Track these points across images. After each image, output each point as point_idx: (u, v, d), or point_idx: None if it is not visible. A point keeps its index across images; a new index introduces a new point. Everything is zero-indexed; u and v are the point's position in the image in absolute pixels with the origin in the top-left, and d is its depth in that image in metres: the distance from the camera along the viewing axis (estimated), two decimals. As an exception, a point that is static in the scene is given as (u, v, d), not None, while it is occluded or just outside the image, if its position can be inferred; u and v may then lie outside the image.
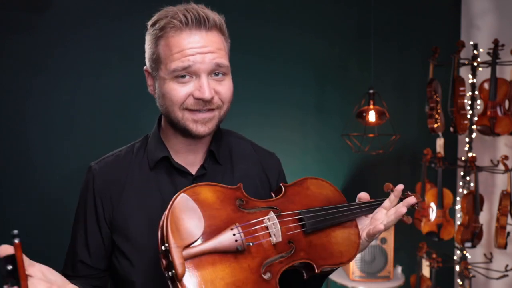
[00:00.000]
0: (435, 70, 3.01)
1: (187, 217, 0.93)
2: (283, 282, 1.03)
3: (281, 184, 1.13)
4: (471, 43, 2.96)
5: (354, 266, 2.91)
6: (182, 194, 0.96)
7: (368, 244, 1.17)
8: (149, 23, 1.11)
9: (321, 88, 3.23)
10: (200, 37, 1.04)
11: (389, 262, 2.93)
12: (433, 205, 2.96)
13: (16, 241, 0.75)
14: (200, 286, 0.88)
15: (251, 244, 0.97)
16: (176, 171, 1.14)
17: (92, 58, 2.76)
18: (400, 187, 1.17)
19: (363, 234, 1.15)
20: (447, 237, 2.99)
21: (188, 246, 0.90)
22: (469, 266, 2.91)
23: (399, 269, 3.05)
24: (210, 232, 0.94)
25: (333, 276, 2.97)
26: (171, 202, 0.94)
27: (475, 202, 2.89)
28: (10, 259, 0.74)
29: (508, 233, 2.88)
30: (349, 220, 1.15)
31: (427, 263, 2.99)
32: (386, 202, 1.18)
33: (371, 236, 1.13)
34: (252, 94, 2.95)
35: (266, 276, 0.95)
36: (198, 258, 0.90)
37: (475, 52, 2.91)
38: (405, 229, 3.20)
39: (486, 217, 3.19)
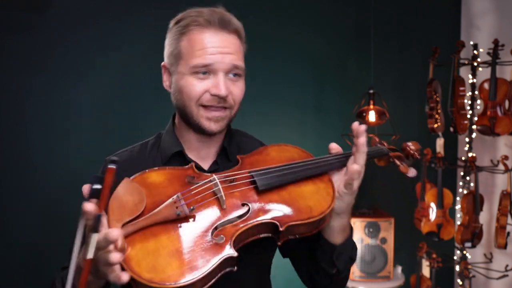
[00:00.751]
0: (435, 70, 3.01)
1: (128, 196, 0.94)
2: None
3: (237, 156, 1.13)
4: (471, 43, 2.96)
5: (354, 266, 2.91)
6: (126, 179, 0.97)
7: (350, 199, 1.09)
8: (173, 21, 1.16)
9: (320, 88, 3.23)
10: (222, 37, 1.10)
11: (389, 262, 2.93)
12: (433, 205, 2.96)
13: (112, 166, 0.80)
14: (143, 258, 0.87)
15: (193, 208, 0.95)
16: None
17: (92, 58, 2.76)
18: (355, 124, 1.12)
19: (341, 187, 1.07)
20: (447, 237, 2.99)
21: (129, 222, 0.90)
22: (469, 266, 2.91)
23: (399, 269, 3.05)
24: (153, 208, 0.94)
25: (333, 276, 2.97)
26: None
27: (475, 202, 2.89)
28: (99, 179, 0.81)
29: (508, 233, 2.88)
30: (318, 175, 1.09)
31: (427, 263, 2.99)
32: (353, 148, 1.12)
33: (348, 185, 1.06)
34: (251, 93, 2.92)
35: (217, 239, 0.92)
36: (141, 232, 0.90)
37: (475, 52, 2.91)
38: (405, 229, 3.20)
39: (486, 217, 3.19)
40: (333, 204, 1.05)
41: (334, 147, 1.16)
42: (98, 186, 0.80)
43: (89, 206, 0.82)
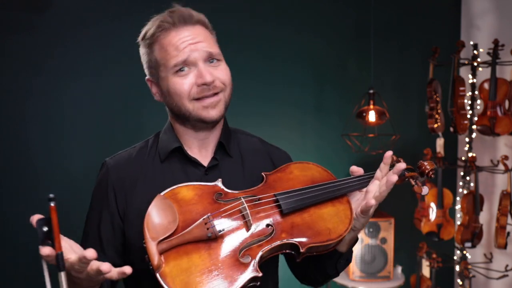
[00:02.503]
0: (435, 70, 3.01)
1: (162, 214, 1.01)
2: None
3: (262, 173, 1.17)
4: (471, 43, 2.96)
5: (354, 266, 2.91)
6: (159, 195, 1.04)
7: (366, 220, 1.13)
8: (139, 38, 1.24)
9: (320, 88, 3.23)
10: (188, 31, 1.14)
11: (389, 262, 2.93)
12: (433, 205, 2.96)
13: (52, 204, 0.81)
14: (177, 275, 0.95)
15: (222, 230, 1.02)
16: (189, 162, 1.20)
17: (92, 58, 2.76)
18: (388, 153, 1.13)
19: (357, 210, 1.11)
20: (447, 237, 2.99)
21: (163, 240, 0.97)
22: (469, 266, 2.91)
23: (399, 269, 3.05)
24: (185, 226, 1.01)
25: (333, 276, 2.97)
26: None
27: (475, 202, 2.89)
28: (46, 221, 0.82)
29: (508, 233, 2.88)
30: (337, 197, 1.13)
31: (427, 263, 2.99)
32: (377, 172, 1.14)
33: (365, 212, 1.09)
34: (250, 93, 2.95)
35: (243, 259, 1.00)
36: (174, 250, 0.98)
37: (475, 52, 2.91)
38: (405, 229, 3.21)
39: (486, 217, 3.19)
40: (351, 226, 1.10)
41: (355, 170, 1.17)
42: (45, 229, 0.82)
43: (46, 251, 0.83)
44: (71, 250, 0.91)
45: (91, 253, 0.84)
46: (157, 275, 0.94)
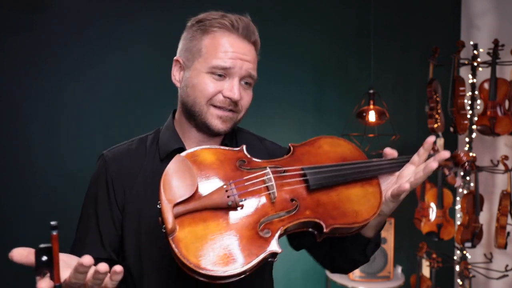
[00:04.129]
0: (435, 70, 3.01)
1: (181, 176, 0.94)
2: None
3: (290, 144, 1.11)
4: (471, 43, 2.96)
5: (354, 266, 2.91)
6: (178, 155, 0.97)
7: (395, 205, 1.08)
8: (193, 19, 1.17)
9: (321, 88, 3.23)
10: (244, 45, 1.14)
11: (389, 262, 2.93)
12: (433, 205, 2.96)
13: (54, 233, 0.75)
14: (191, 242, 0.89)
15: (244, 200, 0.96)
16: None
17: (92, 58, 2.76)
18: (431, 138, 1.07)
19: (387, 194, 1.06)
20: (447, 237, 2.99)
21: (180, 203, 0.91)
22: (469, 266, 2.91)
23: (399, 269, 3.05)
24: (204, 191, 0.95)
25: (333, 276, 2.97)
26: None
27: (475, 202, 2.89)
28: (46, 250, 0.75)
29: (508, 233, 2.88)
30: (367, 178, 1.07)
31: (427, 263, 2.99)
32: (415, 157, 1.08)
33: (396, 196, 1.04)
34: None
35: (263, 233, 0.93)
36: (190, 215, 0.91)
37: (475, 52, 2.91)
38: (405, 229, 3.21)
39: (486, 217, 3.19)
40: (379, 211, 1.04)
41: (389, 153, 1.11)
42: (44, 258, 0.74)
43: (44, 285, 0.73)
44: (65, 266, 0.83)
45: (88, 259, 0.76)
46: (170, 239, 0.88)
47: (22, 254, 0.76)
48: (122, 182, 1.16)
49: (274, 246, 0.92)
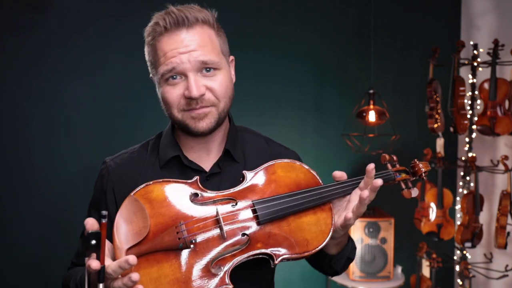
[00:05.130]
0: (435, 70, 3.01)
1: (133, 220, 0.96)
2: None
3: (243, 172, 1.10)
4: (471, 43, 2.96)
5: (354, 266, 2.91)
6: (130, 195, 1.00)
7: (345, 232, 1.08)
8: (144, 34, 1.15)
9: (321, 88, 3.23)
10: (180, 37, 1.06)
11: (389, 262, 2.93)
12: (433, 205, 2.96)
13: (104, 221, 0.82)
14: (146, 284, 0.91)
15: (194, 241, 0.97)
16: (189, 169, 1.16)
17: (92, 58, 2.76)
18: (370, 166, 1.05)
19: (337, 222, 1.06)
20: (447, 237, 2.99)
21: (133, 246, 0.93)
22: (469, 266, 2.91)
23: (399, 269, 3.05)
24: (156, 231, 0.97)
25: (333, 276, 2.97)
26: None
27: (475, 202, 2.89)
28: (96, 235, 0.82)
29: (508, 233, 2.88)
30: (319, 205, 1.07)
31: (427, 263, 2.99)
32: (361, 183, 1.08)
33: (344, 227, 1.05)
34: (250, 93, 2.95)
35: (215, 270, 0.96)
36: (144, 258, 0.94)
37: (475, 52, 2.91)
38: (405, 229, 3.20)
39: (486, 217, 3.19)
40: (329, 237, 1.05)
41: (338, 176, 1.12)
42: (94, 242, 0.82)
43: (95, 264, 0.83)
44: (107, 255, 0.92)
45: (132, 259, 0.84)
46: None
47: (93, 225, 0.89)
48: (124, 190, 1.15)
49: (225, 281, 0.96)
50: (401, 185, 1.12)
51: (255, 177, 1.09)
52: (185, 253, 0.96)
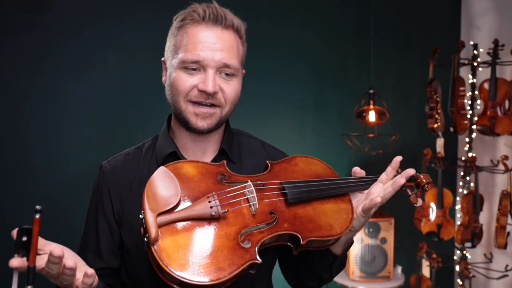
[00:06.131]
0: (435, 70, 3.01)
1: (164, 187, 0.96)
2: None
3: (267, 161, 1.14)
4: (471, 43, 2.96)
5: (354, 266, 2.91)
6: (162, 167, 1.00)
7: (365, 220, 1.13)
8: (175, 17, 1.15)
9: (321, 88, 3.23)
10: (214, 33, 1.09)
11: (389, 262, 2.93)
12: (433, 205, 2.96)
13: (37, 216, 0.78)
14: (173, 251, 0.90)
15: (226, 210, 0.98)
16: None
17: (92, 58, 2.76)
18: (398, 158, 1.14)
19: (358, 209, 1.11)
20: (447, 237, 2.99)
21: (163, 213, 0.93)
22: (469, 266, 2.91)
23: (399, 269, 3.05)
24: (187, 201, 0.98)
25: (333, 276, 2.97)
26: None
27: (475, 202, 2.89)
28: (27, 231, 0.78)
29: (508, 233, 2.88)
30: (340, 194, 1.12)
31: (427, 263, 2.99)
32: (383, 175, 1.14)
33: (367, 211, 1.09)
34: (250, 93, 2.94)
35: (244, 244, 0.96)
36: (173, 225, 0.93)
37: (475, 52, 2.91)
38: (405, 229, 3.20)
39: (486, 217, 3.19)
40: (351, 225, 1.09)
41: (358, 172, 1.17)
42: (25, 238, 0.78)
43: (16, 262, 0.80)
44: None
45: (59, 250, 0.83)
46: (153, 248, 0.90)
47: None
48: (119, 191, 1.17)
49: (254, 256, 0.95)
50: (407, 191, 1.16)
51: (278, 167, 1.14)
52: (215, 224, 0.97)
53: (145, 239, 0.91)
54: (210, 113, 1.10)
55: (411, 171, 1.11)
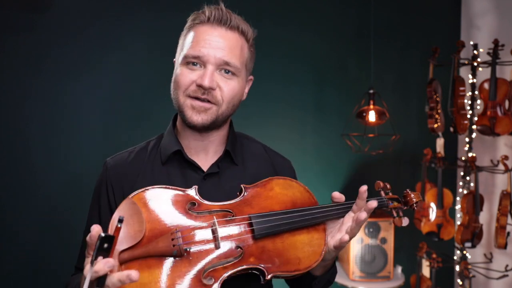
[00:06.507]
0: (435, 70, 3.01)
1: (129, 223, 0.95)
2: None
3: (242, 185, 1.11)
4: (471, 43, 2.96)
5: (354, 266, 2.91)
6: (128, 198, 0.99)
7: (336, 254, 1.11)
8: (188, 19, 1.19)
9: (321, 88, 3.23)
10: (218, 32, 1.12)
11: (389, 262, 2.93)
12: (433, 205, 2.96)
13: (119, 225, 0.81)
14: (135, 287, 0.89)
15: (189, 249, 0.97)
16: (188, 166, 1.18)
17: (92, 58, 2.76)
18: (363, 188, 1.10)
19: (330, 243, 1.09)
20: (447, 237, 2.99)
21: (126, 250, 0.92)
22: (469, 266, 2.91)
23: (399, 269, 3.05)
24: (151, 236, 0.96)
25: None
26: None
27: (475, 202, 2.89)
28: (109, 239, 0.80)
29: (508, 233, 2.88)
30: (313, 224, 1.09)
31: (427, 263, 2.99)
32: (354, 206, 1.11)
33: (338, 248, 1.08)
34: (250, 93, 2.94)
35: (206, 281, 0.95)
36: (137, 262, 0.93)
37: (475, 52, 2.91)
38: (405, 229, 3.20)
39: (486, 217, 3.19)
40: (321, 258, 1.07)
41: (337, 197, 1.14)
42: (106, 245, 0.81)
43: (101, 265, 0.81)
44: None
45: (136, 274, 0.82)
46: None
47: (99, 231, 0.85)
48: (122, 187, 1.18)
49: None
50: (393, 213, 1.15)
51: (252, 192, 1.11)
52: (178, 260, 0.96)
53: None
54: (205, 108, 1.11)
55: (373, 204, 1.08)
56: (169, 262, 0.95)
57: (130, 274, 0.82)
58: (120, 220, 0.81)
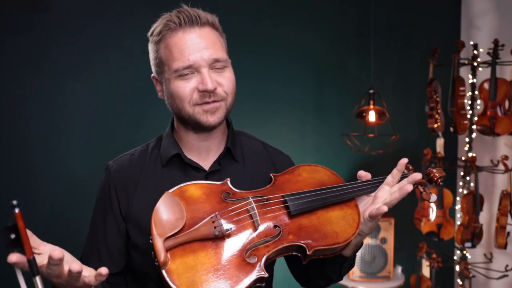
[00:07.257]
0: (435, 70, 3.01)
1: (170, 211, 1.00)
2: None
3: (270, 174, 1.17)
4: (471, 43, 2.96)
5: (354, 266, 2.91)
6: (167, 192, 1.04)
7: (374, 224, 1.12)
8: (149, 33, 1.19)
9: (321, 88, 3.23)
10: (195, 34, 1.12)
11: (389, 262, 2.93)
12: (433, 205, 2.96)
13: (16, 210, 0.79)
14: (183, 273, 0.95)
15: (230, 229, 1.02)
16: (190, 167, 1.20)
17: (92, 58, 2.76)
18: (403, 161, 1.13)
19: (365, 214, 1.10)
20: (447, 237, 2.99)
21: (170, 237, 0.97)
22: (469, 266, 2.91)
23: (399, 269, 3.05)
24: (192, 224, 1.01)
25: (333, 276, 2.97)
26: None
27: (475, 202, 2.89)
28: (12, 228, 0.79)
29: (508, 233, 2.88)
30: (345, 201, 1.13)
31: (427, 263, 2.99)
32: (389, 178, 1.14)
33: (374, 217, 1.09)
34: (250, 93, 2.95)
35: (250, 259, 0.99)
36: (181, 247, 0.98)
37: (475, 52, 2.91)
38: (405, 229, 3.20)
39: (486, 217, 3.19)
40: (358, 230, 1.10)
41: (363, 175, 1.17)
42: (13, 236, 0.78)
43: (14, 258, 0.81)
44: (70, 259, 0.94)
45: (58, 252, 0.83)
46: (163, 271, 0.94)
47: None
48: (126, 190, 1.19)
49: (260, 271, 0.98)
50: (419, 188, 1.16)
51: (282, 178, 1.16)
52: (220, 242, 1.01)
53: (155, 262, 0.95)
54: (216, 107, 1.14)
55: (418, 176, 1.11)
56: (212, 244, 1.00)
57: (52, 254, 0.82)
58: (15, 206, 0.80)
